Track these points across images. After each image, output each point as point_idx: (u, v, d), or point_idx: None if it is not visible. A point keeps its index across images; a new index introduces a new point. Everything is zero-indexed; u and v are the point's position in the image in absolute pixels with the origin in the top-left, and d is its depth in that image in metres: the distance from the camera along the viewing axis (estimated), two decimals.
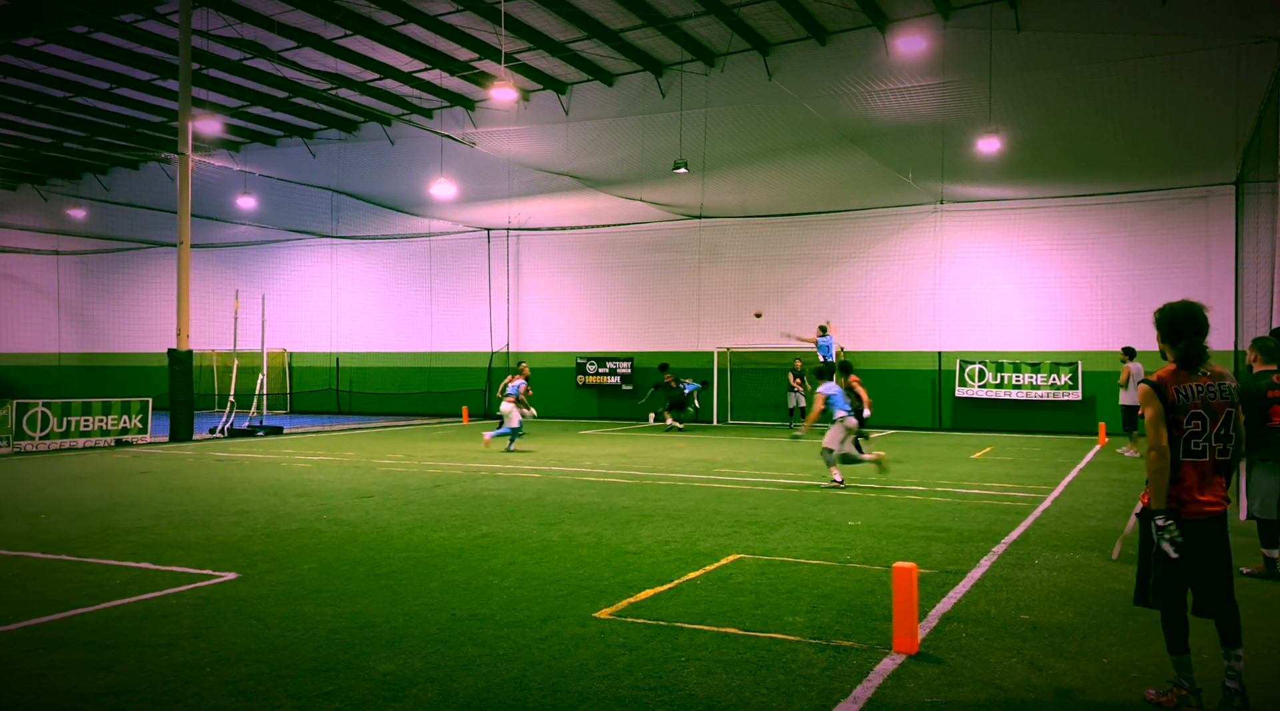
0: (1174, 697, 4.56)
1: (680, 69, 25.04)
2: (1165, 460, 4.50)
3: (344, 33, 22.98)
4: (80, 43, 23.43)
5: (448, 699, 4.64)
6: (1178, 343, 4.67)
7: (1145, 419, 4.64)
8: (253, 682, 4.86)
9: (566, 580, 7.19)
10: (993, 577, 7.31)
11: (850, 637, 5.66)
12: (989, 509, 10.82)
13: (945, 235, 24.56)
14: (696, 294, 27.35)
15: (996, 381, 23.65)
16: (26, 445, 17.81)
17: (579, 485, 12.89)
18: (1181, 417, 4.54)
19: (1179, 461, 4.54)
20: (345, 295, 32.36)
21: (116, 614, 6.21)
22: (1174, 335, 4.69)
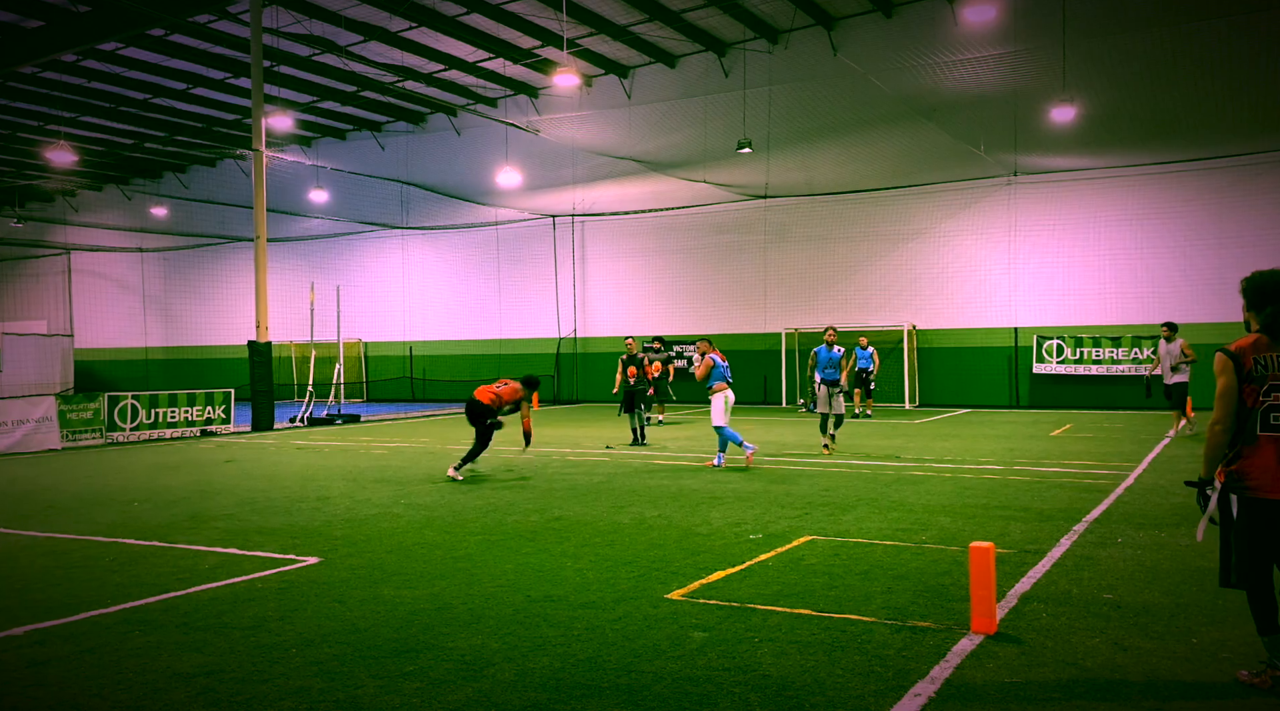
0: (1269, 679, 4.41)
1: (743, 48, 24.80)
2: (1227, 436, 4.41)
3: (409, 25, 23.26)
4: (158, 45, 24.14)
5: (525, 678, 4.71)
6: (1264, 309, 4.48)
7: (1216, 390, 4.48)
8: (336, 663, 4.99)
9: (638, 562, 7.23)
10: (1074, 557, 7.14)
11: (927, 618, 5.59)
12: (1069, 487, 10.57)
13: (1019, 208, 23.95)
14: (763, 275, 27.15)
15: (1075, 357, 23.04)
16: (118, 436, 18.53)
17: (648, 468, 12.94)
18: (1259, 388, 4.37)
19: (1255, 435, 4.37)
20: (416, 285, 32.88)
21: (206, 597, 6.43)
22: (1260, 301, 4.51)
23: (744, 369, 27.02)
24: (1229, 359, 4.42)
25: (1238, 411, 4.40)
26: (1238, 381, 4.39)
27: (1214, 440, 4.43)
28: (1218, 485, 4.51)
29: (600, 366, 29.64)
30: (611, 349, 29.30)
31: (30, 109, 29.03)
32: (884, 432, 17.78)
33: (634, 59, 26.28)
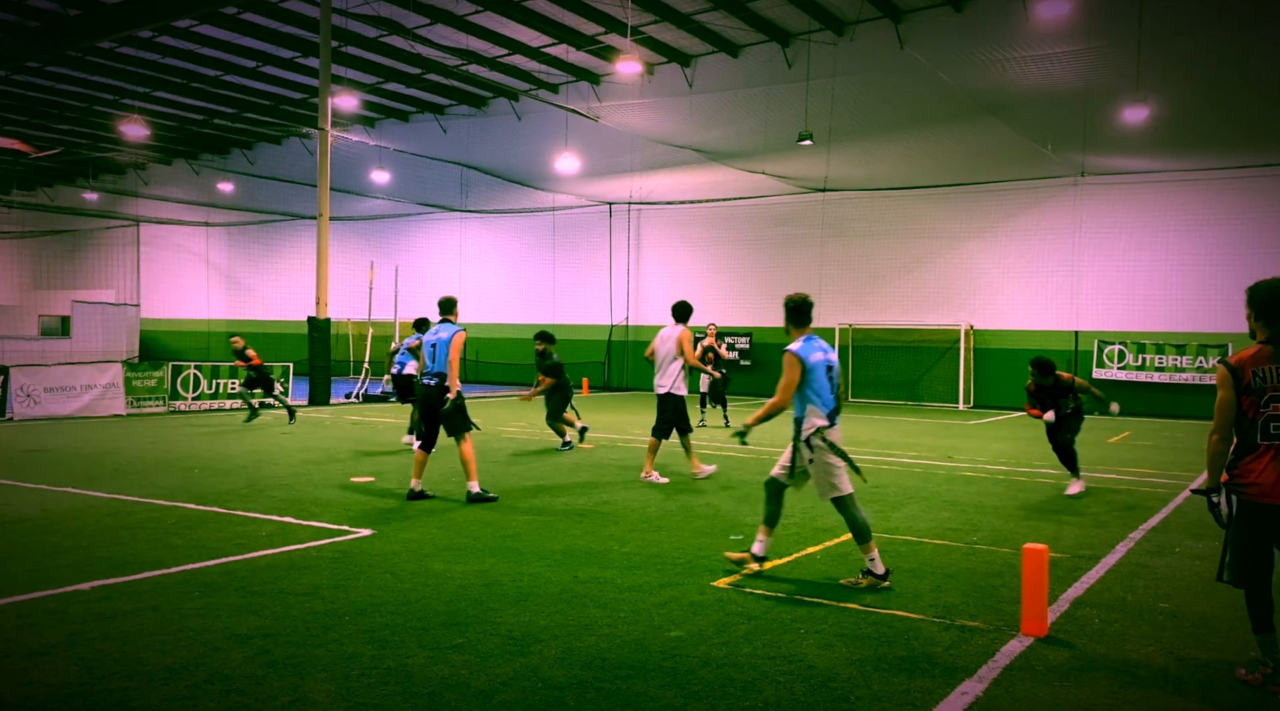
0: (1260, 676, 4.54)
1: (808, 38, 24.56)
2: (1225, 445, 4.55)
3: (475, 9, 23.42)
4: (230, 23, 24.60)
5: (570, 656, 4.76)
6: (1275, 321, 4.54)
7: (1216, 401, 4.62)
8: (387, 632, 5.10)
9: (685, 548, 7.26)
10: (1129, 564, 7.02)
11: (976, 618, 5.54)
12: (1126, 494, 10.37)
13: (1085, 209, 23.45)
14: (819, 269, 26.94)
15: (1138, 363, 22.54)
16: (180, 405, 19.02)
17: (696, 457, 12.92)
18: (1259, 400, 4.46)
19: (1256, 444, 4.48)
20: (473, 268, 33.19)
21: (264, 563, 6.60)
22: (1271, 312, 4.55)
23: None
24: (1229, 372, 4.55)
25: (1238, 421, 4.54)
26: (1235, 394, 4.51)
27: (1213, 449, 4.59)
28: (1223, 491, 4.63)
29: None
30: None
31: (106, 83, 29.78)
32: (937, 432, 17.58)
33: (697, 48, 26.18)
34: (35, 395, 17.09)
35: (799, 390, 6.27)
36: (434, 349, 9.27)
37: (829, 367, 6.39)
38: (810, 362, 6.28)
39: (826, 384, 6.32)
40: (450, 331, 9.27)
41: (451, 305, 9.61)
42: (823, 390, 6.29)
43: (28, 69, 28.29)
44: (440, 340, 9.26)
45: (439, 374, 9.21)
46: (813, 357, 6.30)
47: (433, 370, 9.27)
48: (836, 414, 6.35)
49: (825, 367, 6.35)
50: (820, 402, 6.27)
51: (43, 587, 5.84)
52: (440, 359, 9.21)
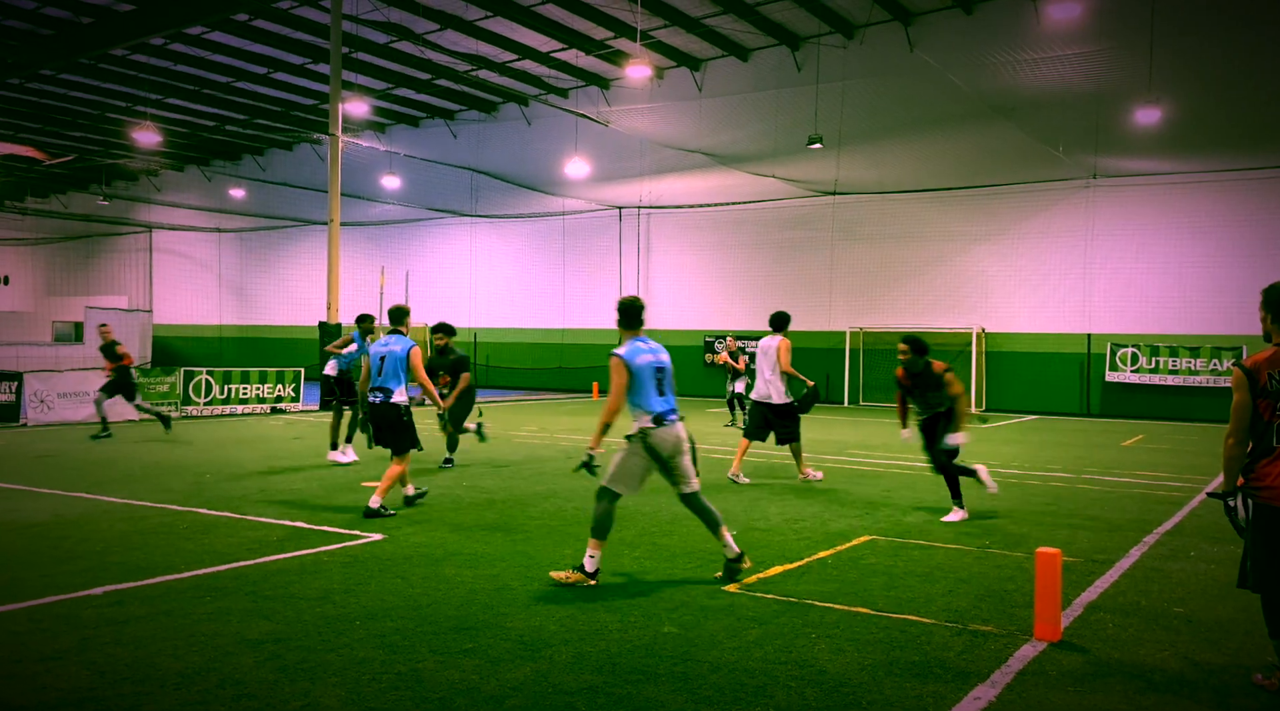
0: (1276, 681, 4.49)
1: (817, 42, 24.54)
2: (1241, 449, 4.50)
3: (484, 14, 23.48)
4: (241, 29, 24.72)
5: (581, 661, 4.75)
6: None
7: (1232, 404, 4.57)
8: (398, 636, 5.10)
9: (696, 553, 7.24)
10: (1143, 568, 6.97)
11: (989, 622, 5.50)
12: (1140, 498, 10.30)
13: (1098, 211, 23.35)
14: (829, 272, 26.89)
15: (1151, 366, 22.41)
16: (192, 410, 19.09)
17: (706, 462, 12.90)
18: (1274, 403, 4.43)
19: (1272, 447, 4.44)
20: (483, 272, 33.25)
21: (275, 568, 6.61)
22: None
23: (806, 366, 26.78)
24: (1244, 375, 4.52)
25: (1254, 424, 4.50)
26: (1251, 397, 4.48)
27: (1228, 453, 4.55)
28: (1239, 494, 4.60)
29: None
30: (673, 342, 29.29)
31: (119, 90, 29.95)
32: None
33: (706, 51, 26.19)
34: (49, 401, 17.18)
35: (630, 392, 6.27)
36: (382, 361, 8.70)
37: (658, 369, 6.36)
38: (635, 365, 6.26)
39: (653, 385, 6.30)
40: (404, 345, 8.77)
41: (403, 315, 9.11)
42: (650, 392, 6.28)
43: (41, 77, 28.48)
44: (391, 353, 8.71)
45: (384, 388, 8.67)
46: (638, 360, 6.29)
47: (378, 384, 8.71)
48: (671, 414, 6.34)
49: (653, 369, 6.33)
50: (647, 405, 6.27)
51: (55, 592, 5.86)
52: (388, 372, 8.68)
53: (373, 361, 8.79)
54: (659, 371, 6.37)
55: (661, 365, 6.43)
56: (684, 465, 6.46)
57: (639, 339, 6.46)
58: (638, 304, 6.59)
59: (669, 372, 6.49)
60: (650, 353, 6.41)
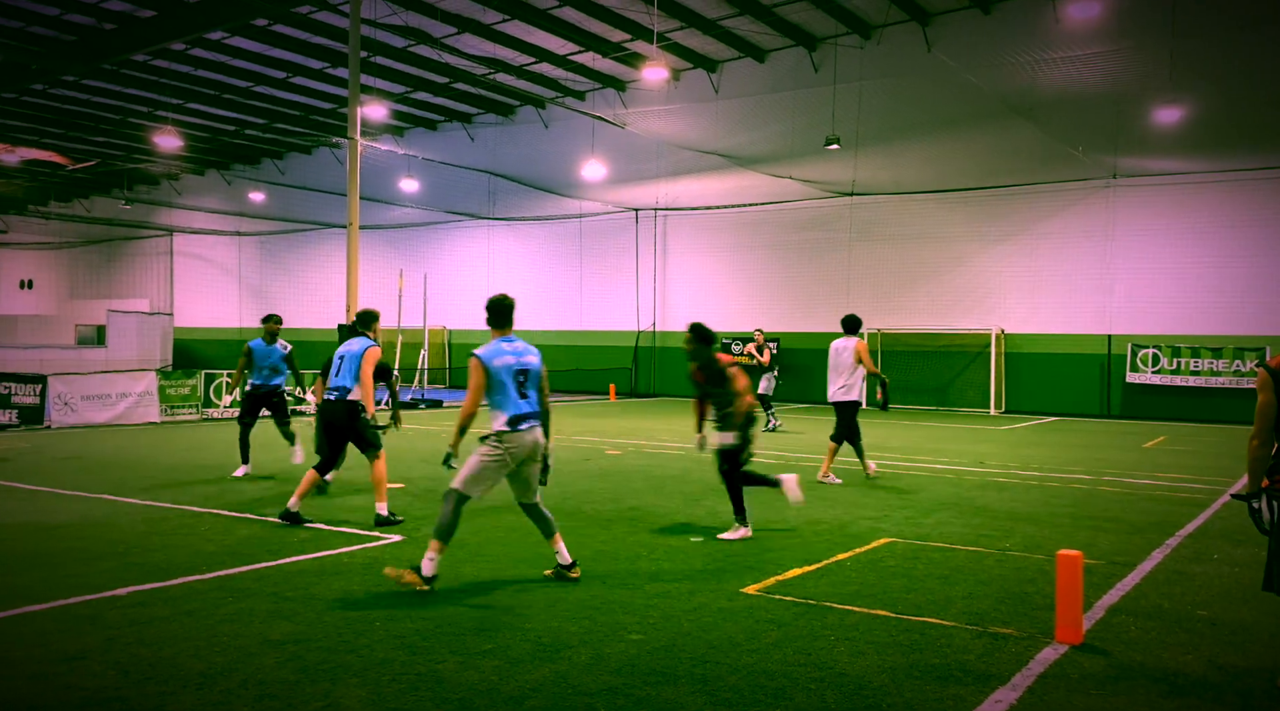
0: None
1: (834, 43, 24.48)
2: (1266, 450, 4.48)
3: (502, 17, 23.55)
4: (261, 34, 24.90)
5: (600, 662, 4.76)
6: None
7: (1256, 405, 4.55)
8: (418, 637, 5.12)
9: (714, 555, 7.24)
10: (1165, 571, 6.91)
11: (1009, 625, 5.47)
12: (1162, 500, 10.22)
13: (1118, 211, 23.17)
14: (846, 273, 26.80)
15: (1172, 367, 22.21)
16: (213, 412, 19.23)
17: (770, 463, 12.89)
18: None
19: None
20: (500, 274, 33.32)
21: (296, 569, 6.65)
22: None
23: (825, 369, 26.67)
24: (1269, 375, 4.50)
25: (1278, 426, 4.48)
26: (1276, 398, 4.46)
27: (1253, 454, 4.51)
28: (1263, 496, 4.55)
29: (679, 360, 29.65)
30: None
31: (140, 95, 30.22)
32: (968, 438, 17.42)
33: (723, 53, 26.17)
34: (72, 403, 17.35)
35: (488, 393, 6.18)
36: (341, 361, 8.49)
37: (519, 370, 6.20)
38: (493, 366, 6.14)
39: (512, 387, 6.14)
40: (362, 345, 8.54)
41: (371, 319, 8.82)
42: (507, 394, 6.13)
43: (65, 83, 28.78)
44: (350, 353, 8.51)
45: (341, 388, 8.41)
46: (496, 361, 6.16)
47: (336, 384, 8.47)
48: (529, 418, 6.18)
49: (513, 371, 6.17)
50: (503, 407, 6.15)
51: (80, 593, 5.92)
52: (346, 372, 8.44)
53: (334, 361, 8.59)
54: (520, 374, 6.19)
55: (525, 367, 6.24)
56: (531, 474, 6.35)
57: (505, 339, 6.31)
58: (505, 302, 6.45)
59: (535, 375, 6.29)
60: (512, 354, 6.22)
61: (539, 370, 6.37)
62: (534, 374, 6.31)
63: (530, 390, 6.25)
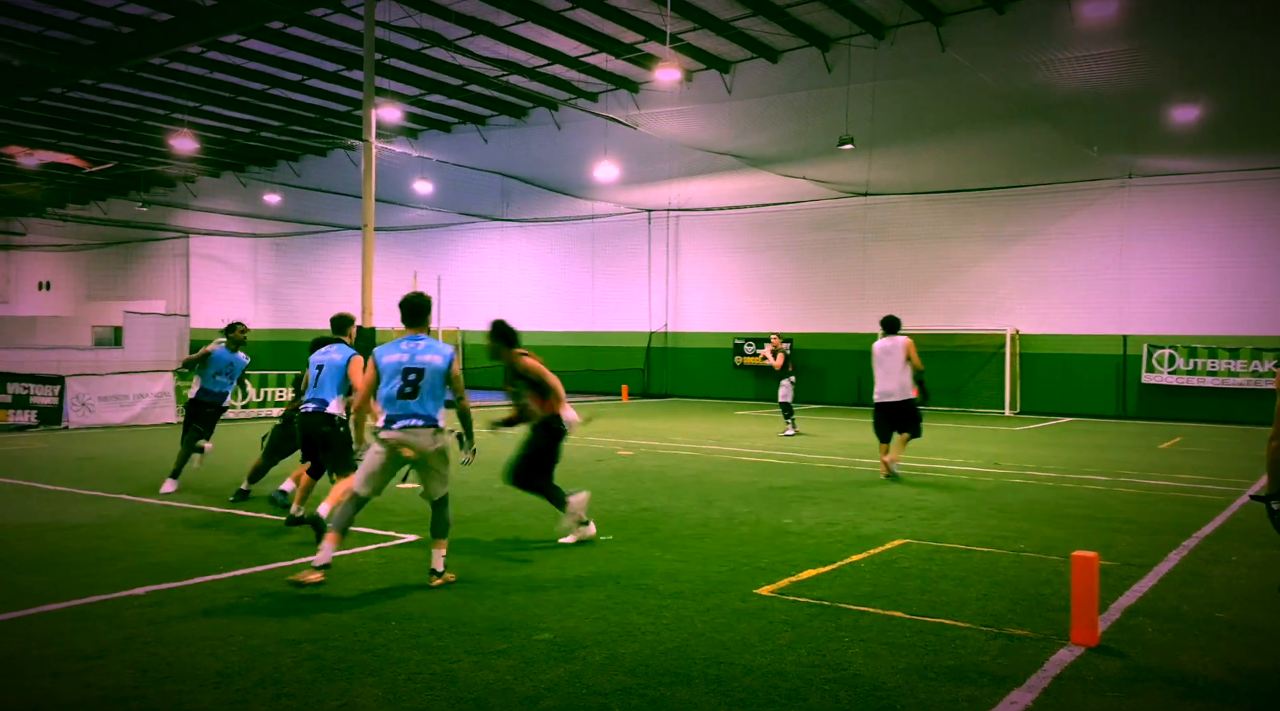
0: None
1: (848, 43, 24.44)
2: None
3: (515, 19, 23.61)
4: (276, 37, 25.03)
5: (614, 663, 4.77)
6: None
7: (1276, 405, 4.43)
8: (433, 637, 5.14)
9: (727, 556, 7.23)
10: (1183, 572, 6.87)
11: (1025, 626, 5.46)
12: (1179, 501, 10.15)
13: (1134, 211, 23.04)
14: (860, 274, 26.74)
15: (1189, 367, 22.08)
16: (229, 413, 19.32)
17: (737, 465, 12.91)
18: None
19: None
20: (513, 276, 33.40)
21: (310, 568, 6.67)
22: None
23: (838, 369, 26.71)
24: None
25: None
26: None
27: (1272, 455, 4.40)
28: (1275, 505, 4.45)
29: (691, 361, 29.67)
30: (703, 345, 29.31)
31: (157, 98, 30.43)
32: (983, 438, 17.35)
33: (736, 54, 26.16)
34: (90, 404, 17.48)
35: (377, 391, 6.18)
36: (319, 371, 8.00)
37: (409, 369, 6.06)
38: (381, 364, 6.12)
39: (396, 386, 6.03)
40: (344, 354, 8.07)
41: (345, 323, 8.42)
42: (390, 393, 6.05)
43: (82, 86, 29.01)
44: (331, 361, 8.01)
45: (319, 399, 7.92)
46: (385, 359, 6.13)
47: (314, 395, 7.97)
48: (410, 417, 6.00)
49: (402, 369, 6.06)
50: (385, 405, 6.11)
51: (97, 592, 5.97)
52: (325, 384, 7.95)
53: (311, 371, 8.09)
54: (410, 372, 6.05)
55: (417, 366, 6.06)
56: (426, 475, 6.25)
57: (410, 337, 6.22)
58: (416, 300, 6.31)
59: (432, 374, 6.08)
60: (407, 353, 6.09)
61: (439, 369, 6.14)
62: (430, 373, 6.08)
63: (423, 389, 6.05)
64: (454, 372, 6.22)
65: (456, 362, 6.27)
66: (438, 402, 6.19)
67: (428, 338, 6.27)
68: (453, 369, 6.22)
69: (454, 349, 6.37)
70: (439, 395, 6.18)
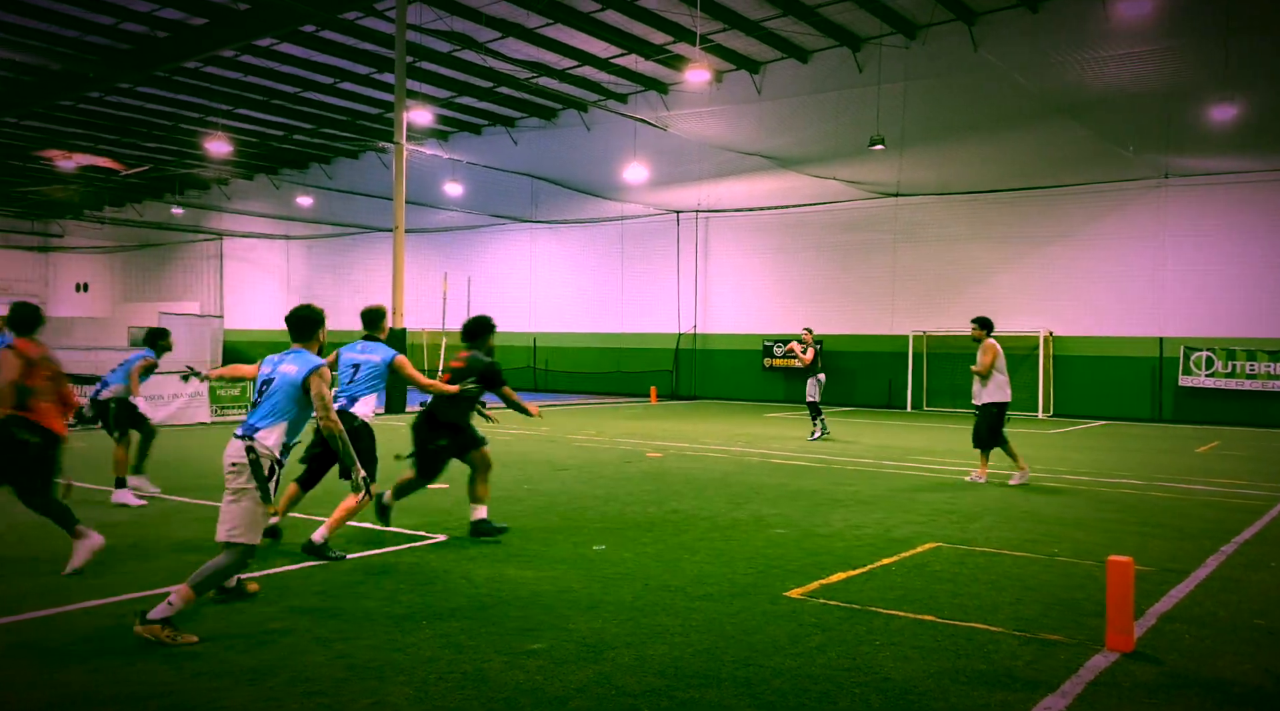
0: None
1: (879, 43, 24.32)
2: None
3: (545, 21, 23.71)
4: (309, 41, 25.30)
5: (643, 664, 4.77)
6: None
7: None
8: (464, 636, 5.17)
9: (756, 558, 7.21)
10: (1220, 578, 6.76)
11: (1058, 632, 5.39)
12: (1216, 506, 10.00)
13: (1170, 211, 22.71)
14: (891, 275, 26.57)
15: (1227, 370, 21.73)
16: None
17: (766, 467, 12.87)
18: None
19: None
20: (542, 277, 33.51)
21: (343, 568, 6.74)
22: None
23: (869, 371, 26.56)
24: None
25: None
26: None
27: None
28: None
29: (720, 363, 29.61)
30: (731, 346, 29.24)
31: (192, 102, 30.86)
32: (1016, 442, 17.14)
33: (765, 54, 26.11)
34: None
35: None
36: (355, 369, 7.40)
37: (264, 381, 5.64)
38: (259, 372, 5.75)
39: (255, 396, 5.64)
40: (384, 354, 7.50)
41: (379, 317, 7.76)
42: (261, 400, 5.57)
43: (119, 90, 29.47)
44: (369, 361, 7.44)
45: (350, 396, 7.36)
46: (262, 367, 5.79)
47: (346, 391, 7.38)
48: (243, 426, 5.50)
49: (260, 381, 5.67)
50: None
51: (135, 589, 6.06)
52: (362, 382, 7.38)
53: (342, 369, 7.45)
54: (265, 384, 5.62)
55: (269, 377, 5.63)
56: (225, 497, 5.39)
57: (289, 351, 5.77)
58: (299, 313, 5.97)
59: (280, 385, 5.55)
60: (270, 364, 5.73)
61: (289, 380, 5.55)
62: (279, 384, 5.55)
63: (265, 399, 5.54)
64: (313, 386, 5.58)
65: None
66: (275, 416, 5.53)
67: (302, 351, 5.79)
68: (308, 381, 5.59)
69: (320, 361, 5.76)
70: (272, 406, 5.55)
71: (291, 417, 5.54)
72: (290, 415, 5.55)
